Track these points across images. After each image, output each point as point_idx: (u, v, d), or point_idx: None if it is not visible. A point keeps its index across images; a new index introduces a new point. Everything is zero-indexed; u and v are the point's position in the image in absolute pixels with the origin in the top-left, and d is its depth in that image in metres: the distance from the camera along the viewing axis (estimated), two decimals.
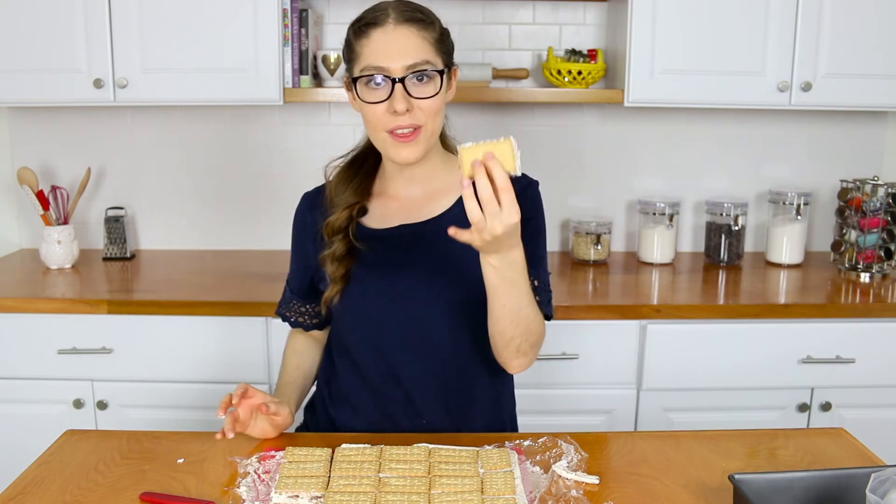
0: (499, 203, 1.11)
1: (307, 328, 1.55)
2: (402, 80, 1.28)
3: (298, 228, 1.52)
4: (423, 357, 1.40)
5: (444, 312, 1.38)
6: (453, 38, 1.41)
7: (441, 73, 1.32)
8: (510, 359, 1.36)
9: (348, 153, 1.48)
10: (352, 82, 1.34)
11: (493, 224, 1.11)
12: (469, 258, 1.38)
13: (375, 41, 1.30)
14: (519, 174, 1.13)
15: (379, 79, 1.29)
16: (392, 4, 1.33)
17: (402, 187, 1.43)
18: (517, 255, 1.21)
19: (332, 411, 1.49)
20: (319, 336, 1.58)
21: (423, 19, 1.32)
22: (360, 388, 1.45)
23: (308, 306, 1.53)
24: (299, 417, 1.58)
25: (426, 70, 1.29)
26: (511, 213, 1.11)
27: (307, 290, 1.51)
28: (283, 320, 1.58)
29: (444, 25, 1.38)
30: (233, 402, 1.28)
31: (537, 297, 1.37)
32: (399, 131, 1.30)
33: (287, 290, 1.57)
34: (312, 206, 1.49)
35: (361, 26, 1.32)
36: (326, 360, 1.53)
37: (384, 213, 1.43)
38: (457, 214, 1.40)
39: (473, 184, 1.12)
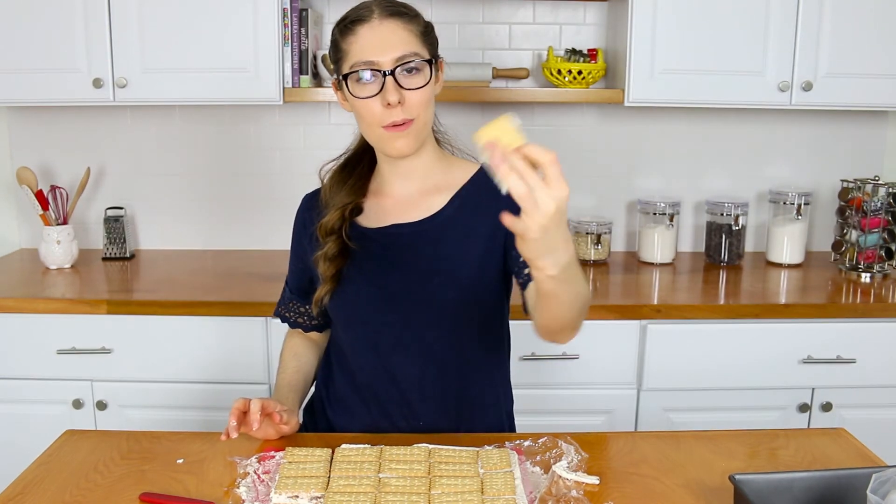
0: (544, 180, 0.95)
1: (307, 329, 1.55)
2: (392, 73, 1.29)
3: (297, 229, 1.52)
4: (417, 358, 1.40)
5: (438, 313, 1.38)
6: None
7: (430, 62, 1.33)
8: (564, 335, 1.24)
9: (341, 155, 1.49)
10: (342, 81, 1.34)
11: (544, 199, 0.92)
12: (463, 258, 1.38)
13: (362, 37, 1.31)
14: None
15: (369, 74, 1.29)
16: (375, 2, 1.34)
17: (397, 185, 1.43)
18: (570, 253, 1.01)
19: (330, 413, 1.49)
20: (318, 339, 1.57)
21: (407, 13, 1.34)
22: (356, 389, 1.45)
23: (308, 306, 1.53)
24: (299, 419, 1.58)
25: (415, 61, 1.30)
26: (560, 187, 0.93)
27: (306, 290, 1.51)
28: (283, 321, 1.57)
29: (428, 20, 1.38)
30: (253, 427, 1.27)
31: None
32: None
33: (286, 291, 1.57)
34: (310, 208, 1.49)
35: (346, 24, 1.33)
36: (325, 362, 1.53)
37: (378, 212, 1.43)
38: (450, 214, 1.40)
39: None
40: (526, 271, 1.29)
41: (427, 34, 1.35)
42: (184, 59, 2.25)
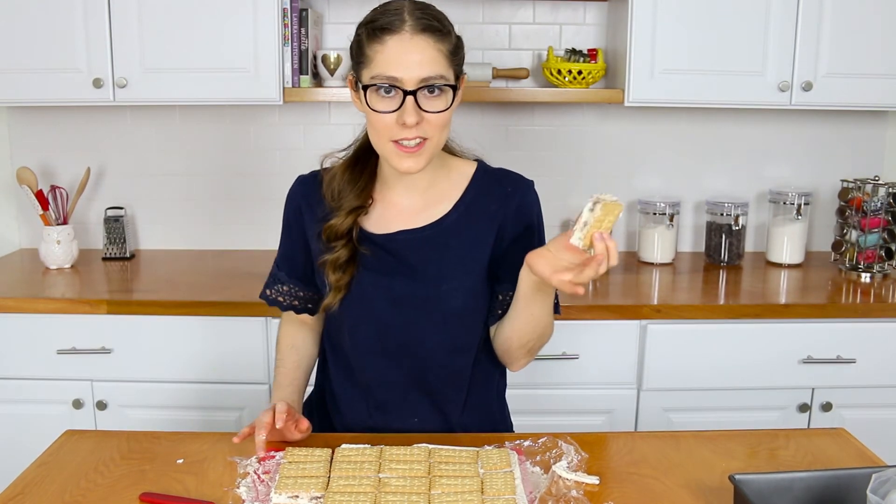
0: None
1: (298, 311, 1.49)
2: (413, 93, 1.25)
3: (292, 210, 1.46)
4: (418, 361, 1.40)
5: (444, 318, 1.38)
6: None
7: (453, 87, 1.29)
8: (518, 358, 1.42)
9: (349, 147, 1.45)
10: (360, 86, 1.31)
11: (583, 277, 1.18)
12: (471, 264, 1.38)
13: (390, 49, 1.26)
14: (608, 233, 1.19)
15: (389, 90, 1.26)
16: (408, 8, 1.28)
17: (402, 193, 1.41)
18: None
19: (329, 413, 1.49)
20: (311, 322, 1.52)
21: (441, 29, 1.28)
22: (352, 389, 1.44)
23: (306, 292, 1.47)
24: None
25: (439, 84, 1.27)
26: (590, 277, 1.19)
27: (304, 274, 1.46)
28: (271, 304, 1.50)
29: (458, 33, 1.34)
30: (277, 424, 1.26)
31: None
32: (405, 143, 1.28)
33: (278, 274, 1.50)
34: (306, 193, 1.45)
35: (376, 29, 1.27)
36: (322, 361, 1.53)
37: (383, 218, 1.41)
38: (455, 219, 1.39)
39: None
40: (499, 312, 1.41)
41: (456, 53, 1.31)
42: (184, 59, 2.25)
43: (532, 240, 1.40)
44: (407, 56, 1.25)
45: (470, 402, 1.45)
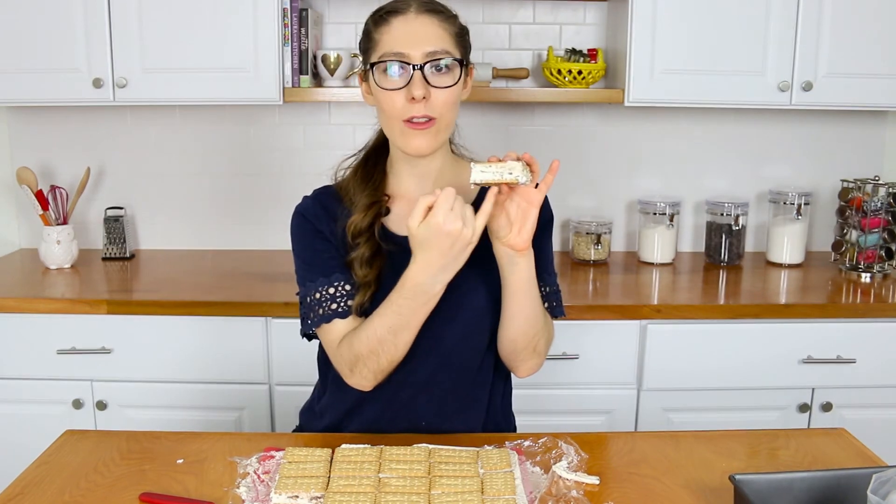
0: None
1: (359, 310, 1.36)
2: (421, 68, 1.28)
3: (311, 222, 1.40)
4: (432, 363, 1.39)
5: (463, 320, 1.37)
6: None
7: (460, 63, 1.32)
8: (527, 360, 1.38)
9: (360, 150, 1.45)
10: (368, 71, 1.33)
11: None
12: (491, 265, 1.37)
13: (396, 28, 1.30)
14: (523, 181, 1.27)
15: (397, 66, 1.28)
16: None
17: (413, 186, 1.41)
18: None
19: (331, 413, 1.48)
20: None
21: (444, 11, 1.34)
22: (361, 390, 1.43)
23: (351, 280, 1.36)
24: (295, 420, 1.57)
25: (445, 59, 1.29)
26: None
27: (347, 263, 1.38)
28: (322, 321, 1.35)
29: (464, 23, 1.38)
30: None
31: (554, 302, 1.42)
32: (415, 120, 1.29)
33: (314, 286, 1.37)
34: (323, 206, 1.42)
35: (382, 15, 1.32)
36: (325, 361, 1.52)
37: (404, 219, 1.38)
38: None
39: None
40: None
41: (461, 36, 1.35)
42: (184, 59, 2.25)
43: (548, 233, 1.45)
44: (412, 33, 1.29)
45: (478, 405, 1.44)
